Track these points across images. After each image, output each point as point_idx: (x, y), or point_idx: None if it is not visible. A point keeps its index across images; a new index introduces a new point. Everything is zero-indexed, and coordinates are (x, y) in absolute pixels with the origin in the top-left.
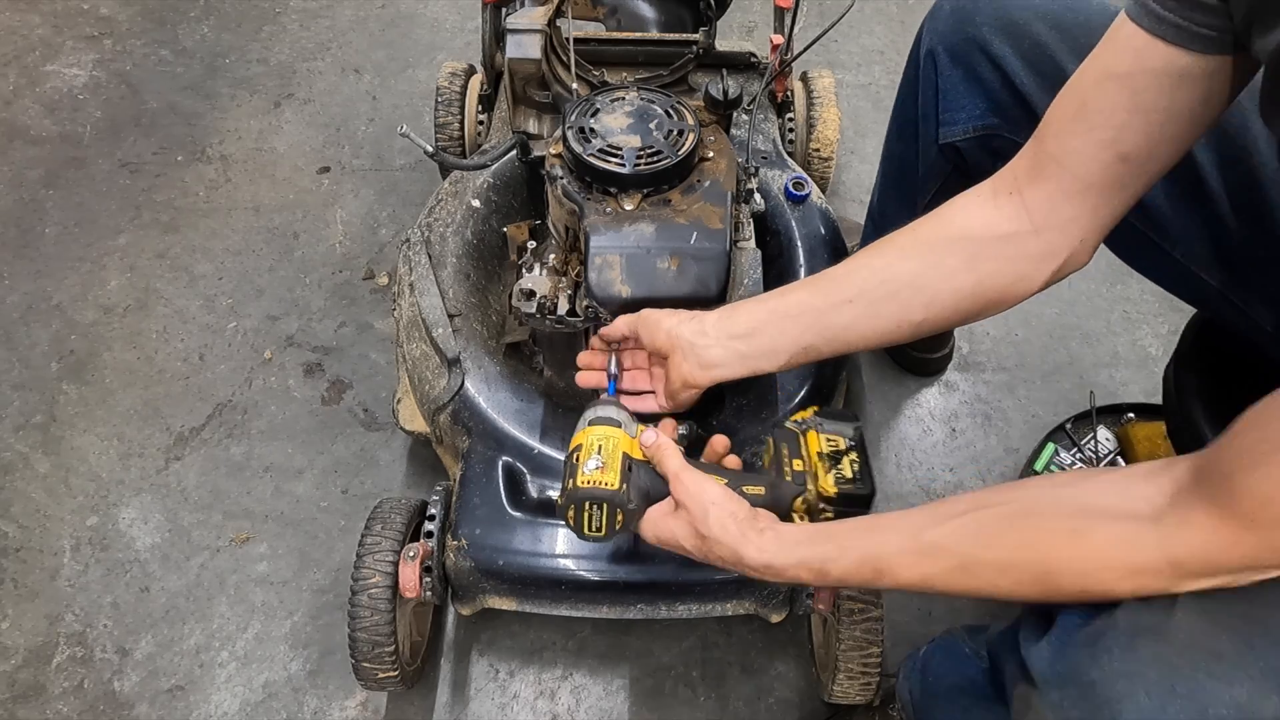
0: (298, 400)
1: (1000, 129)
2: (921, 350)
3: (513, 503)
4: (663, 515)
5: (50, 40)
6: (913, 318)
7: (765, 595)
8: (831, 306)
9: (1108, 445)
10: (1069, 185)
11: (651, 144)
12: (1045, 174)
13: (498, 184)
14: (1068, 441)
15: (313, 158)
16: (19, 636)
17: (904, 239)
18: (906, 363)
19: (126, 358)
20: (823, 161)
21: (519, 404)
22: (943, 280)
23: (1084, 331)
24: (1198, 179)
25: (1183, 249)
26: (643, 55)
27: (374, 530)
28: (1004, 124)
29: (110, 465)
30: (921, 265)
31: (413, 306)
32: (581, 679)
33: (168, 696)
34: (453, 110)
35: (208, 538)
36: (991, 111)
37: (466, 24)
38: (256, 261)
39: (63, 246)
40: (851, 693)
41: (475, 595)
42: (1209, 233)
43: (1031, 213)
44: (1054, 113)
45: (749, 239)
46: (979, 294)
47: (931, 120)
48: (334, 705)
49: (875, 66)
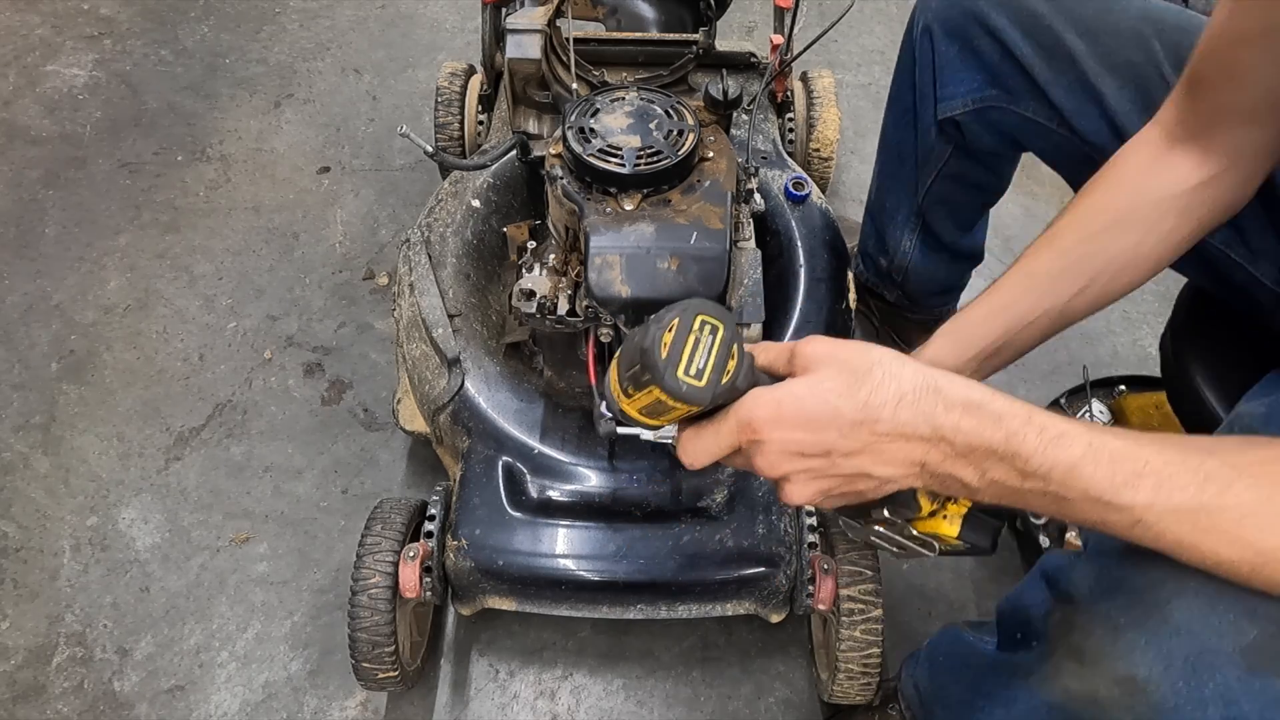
0: (298, 400)
1: (999, 100)
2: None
3: (513, 503)
4: (787, 384)
5: (50, 40)
6: (1137, 283)
7: (765, 595)
8: (1067, 302)
9: (1101, 418)
10: (1241, 114)
11: (651, 144)
12: (1213, 111)
13: (498, 184)
14: (1062, 415)
15: (313, 158)
16: (19, 636)
17: (1098, 217)
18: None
19: (126, 358)
20: (823, 161)
21: (519, 404)
22: (1162, 242)
23: (1084, 331)
24: None
25: None
26: (643, 55)
27: (374, 530)
28: (1003, 95)
29: (110, 465)
30: (1141, 234)
31: (413, 306)
32: (581, 679)
33: (168, 696)
34: (453, 110)
35: (208, 538)
36: (990, 83)
37: (466, 24)
38: (256, 261)
39: (63, 246)
40: (851, 693)
41: (475, 595)
42: None
43: (1217, 152)
44: (1209, 45)
45: (749, 239)
46: (1194, 239)
47: (929, 99)
48: (334, 705)
49: (875, 66)
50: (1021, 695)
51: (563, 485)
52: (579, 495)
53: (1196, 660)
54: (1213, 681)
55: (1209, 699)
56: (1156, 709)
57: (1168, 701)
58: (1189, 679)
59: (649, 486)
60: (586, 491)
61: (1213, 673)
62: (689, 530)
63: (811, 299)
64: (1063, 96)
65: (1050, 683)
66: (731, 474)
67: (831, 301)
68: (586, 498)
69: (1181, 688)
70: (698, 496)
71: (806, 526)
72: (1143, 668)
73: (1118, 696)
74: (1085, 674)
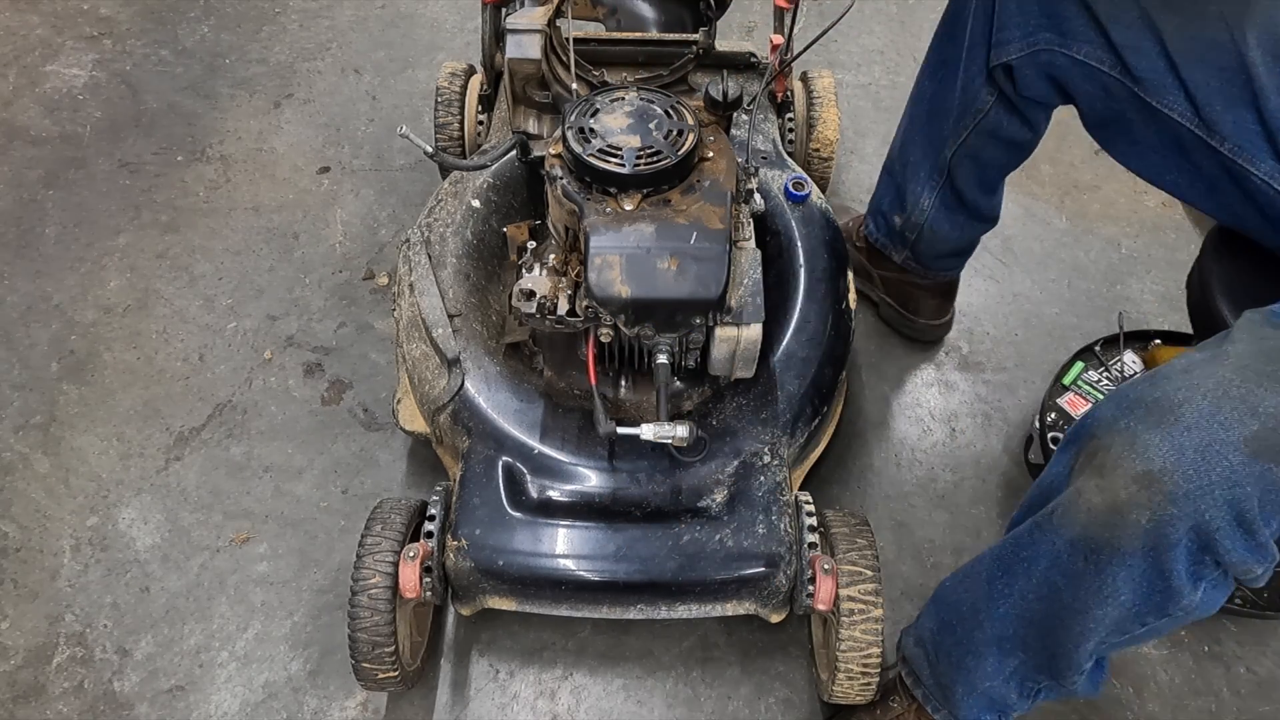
0: (298, 400)
1: (1053, 43)
2: (929, 317)
3: (513, 503)
4: None
5: (50, 40)
6: None
7: (765, 595)
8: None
9: (1134, 367)
10: None
11: (651, 144)
12: None
13: (498, 184)
14: (1095, 361)
15: (313, 158)
16: (19, 636)
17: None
18: (912, 331)
19: (126, 358)
20: (823, 161)
21: (519, 404)
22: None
23: (1084, 331)
24: (1249, 77)
25: (1232, 144)
26: (643, 55)
27: (374, 530)
28: (1057, 38)
29: (110, 465)
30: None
31: (413, 306)
32: (581, 679)
33: (168, 696)
34: (453, 110)
35: (208, 538)
36: (1048, 26)
37: (466, 24)
38: (256, 261)
39: (63, 246)
40: (851, 693)
41: (475, 595)
42: (1261, 127)
43: None
44: None
45: (749, 239)
46: None
47: (980, 46)
48: (334, 705)
49: (875, 66)
50: (1043, 549)
51: (563, 485)
52: (579, 495)
53: (1205, 449)
54: (1219, 467)
55: (1215, 483)
56: (1169, 496)
57: (1179, 488)
58: (1198, 466)
59: (649, 486)
60: (586, 491)
61: (1219, 460)
62: (689, 530)
63: (811, 299)
64: (1122, 33)
65: (1072, 513)
66: (731, 474)
67: (831, 301)
68: (586, 498)
69: (1192, 474)
70: (698, 496)
71: (806, 526)
72: (1157, 460)
73: (1135, 494)
74: (1105, 484)
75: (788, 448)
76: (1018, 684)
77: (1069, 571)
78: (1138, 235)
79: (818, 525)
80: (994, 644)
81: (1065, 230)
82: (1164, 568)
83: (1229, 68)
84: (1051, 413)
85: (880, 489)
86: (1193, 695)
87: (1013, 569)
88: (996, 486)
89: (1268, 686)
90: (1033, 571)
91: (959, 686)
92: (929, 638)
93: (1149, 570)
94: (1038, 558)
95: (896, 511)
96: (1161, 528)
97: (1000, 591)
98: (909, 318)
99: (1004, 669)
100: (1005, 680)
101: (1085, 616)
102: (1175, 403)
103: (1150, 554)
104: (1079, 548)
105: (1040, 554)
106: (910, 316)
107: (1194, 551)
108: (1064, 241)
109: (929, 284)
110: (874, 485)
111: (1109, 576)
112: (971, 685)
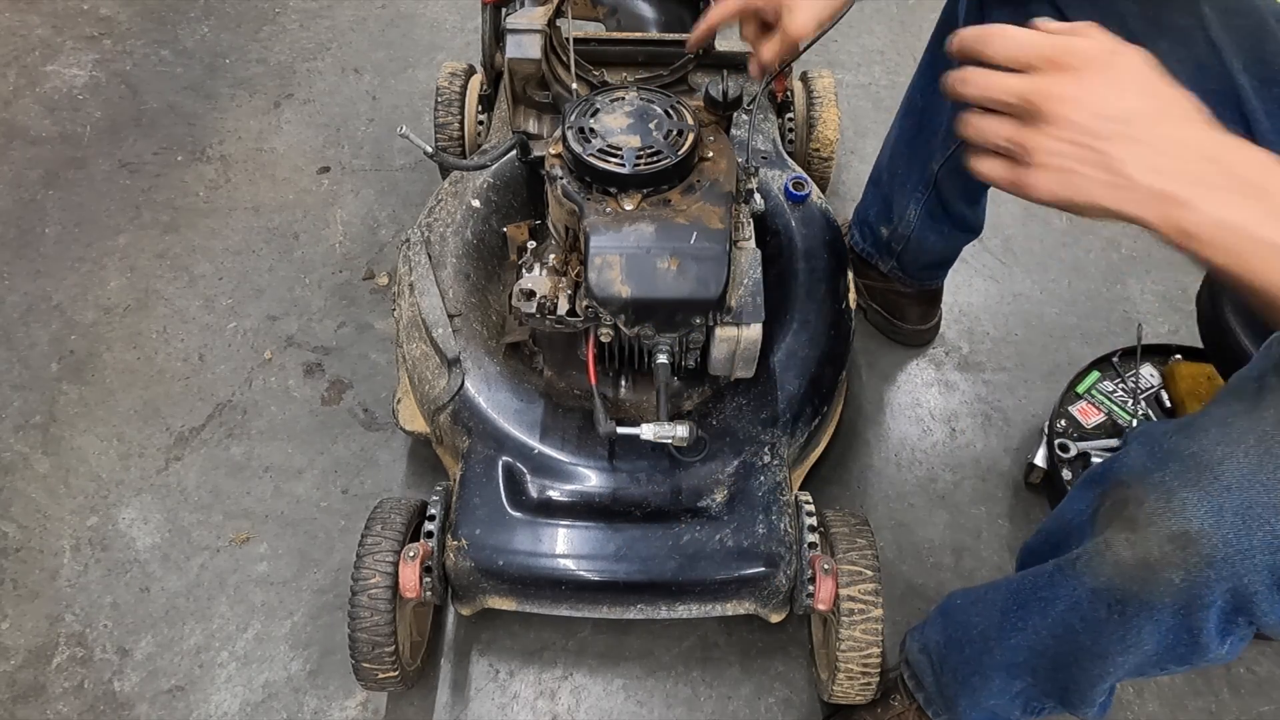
0: (298, 400)
1: None
2: (915, 323)
3: (513, 503)
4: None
5: (50, 40)
6: None
7: (765, 595)
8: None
9: (1151, 380)
10: None
11: (651, 144)
12: None
13: (498, 184)
14: (1112, 372)
15: (313, 158)
16: (19, 636)
17: None
18: (900, 337)
19: (126, 358)
20: (823, 161)
21: (519, 404)
22: None
23: (1084, 331)
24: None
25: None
26: (643, 55)
27: (374, 530)
28: None
29: (110, 465)
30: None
31: (413, 306)
32: (581, 679)
33: (168, 696)
34: (453, 110)
35: (208, 538)
36: None
37: (466, 24)
38: (256, 261)
39: (63, 246)
40: (851, 693)
41: (475, 595)
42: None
43: None
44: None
45: (749, 239)
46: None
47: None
48: (334, 705)
49: (875, 66)
50: (1062, 593)
51: (563, 485)
52: (579, 495)
53: (1246, 513)
54: (1260, 531)
55: (1257, 547)
56: (1207, 560)
57: (1218, 552)
58: (1238, 530)
59: (649, 486)
60: (586, 491)
61: (1261, 524)
62: (689, 530)
63: (811, 299)
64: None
65: (1097, 563)
66: (731, 474)
67: (831, 301)
68: (586, 498)
69: (1231, 538)
70: (698, 496)
71: (806, 526)
72: (1195, 521)
73: (1169, 553)
74: (1137, 539)
75: (788, 448)
76: (1023, 703)
77: (1089, 618)
78: (1138, 235)
79: (818, 525)
80: (1003, 669)
81: (1065, 230)
82: (1194, 626)
83: (1219, 90)
84: (1062, 419)
85: (880, 489)
86: (1193, 695)
87: (1028, 605)
88: (996, 486)
89: (1268, 686)
90: (1049, 611)
91: (963, 700)
92: (935, 649)
93: (1177, 626)
94: (1056, 599)
95: (896, 511)
96: (1196, 589)
97: (1014, 625)
98: (896, 324)
99: (1010, 689)
100: (1011, 699)
101: (1105, 661)
102: (1214, 460)
103: (1181, 612)
104: (1102, 597)
105: (1059, 596)
106: (897, 323)
107: (1227, 612)
108: (1064, 241)
109: (913, 292)
110: (874, 485)
111: (1134, 628)
112: (975, 701)
